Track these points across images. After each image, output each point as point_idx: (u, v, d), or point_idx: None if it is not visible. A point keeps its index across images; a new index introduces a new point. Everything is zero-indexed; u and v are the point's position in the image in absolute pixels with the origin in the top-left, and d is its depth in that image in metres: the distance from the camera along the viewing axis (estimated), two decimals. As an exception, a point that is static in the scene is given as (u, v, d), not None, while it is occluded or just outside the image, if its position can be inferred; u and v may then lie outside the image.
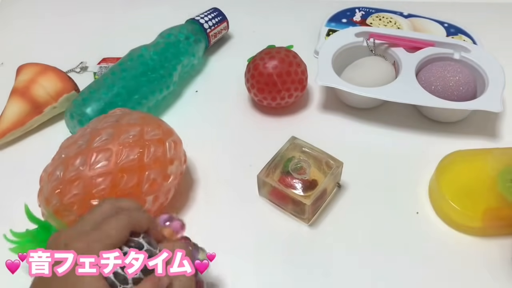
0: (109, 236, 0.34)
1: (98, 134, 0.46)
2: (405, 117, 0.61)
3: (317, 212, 0.51)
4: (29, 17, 0.80)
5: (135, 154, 0.46)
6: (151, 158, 0.46)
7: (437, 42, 0.62)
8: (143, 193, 0.46)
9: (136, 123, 0.48)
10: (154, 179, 0.46)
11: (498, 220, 0.49)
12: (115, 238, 0.34)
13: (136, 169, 0.45)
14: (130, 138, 0.46)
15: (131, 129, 0.47)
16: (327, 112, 0.62)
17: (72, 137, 0.49)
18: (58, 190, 0.44)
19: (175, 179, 0.49)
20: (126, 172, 0.45)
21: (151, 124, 0.49)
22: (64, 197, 0.44)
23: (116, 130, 0.46)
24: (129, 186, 0.45)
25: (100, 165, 0.44)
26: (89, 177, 0.44)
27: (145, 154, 0.46)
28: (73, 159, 0.45)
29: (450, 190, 0.50)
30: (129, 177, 0.45)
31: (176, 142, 0.50)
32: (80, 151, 0.45)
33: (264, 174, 0.50)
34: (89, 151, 0.45)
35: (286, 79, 0.58)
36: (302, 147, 0.52)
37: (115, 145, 0.45)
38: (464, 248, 0.48)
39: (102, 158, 0.45)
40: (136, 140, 0.46)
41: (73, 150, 0.45)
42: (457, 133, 0.59)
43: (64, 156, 0.46)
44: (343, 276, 0.47)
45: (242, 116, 0.62)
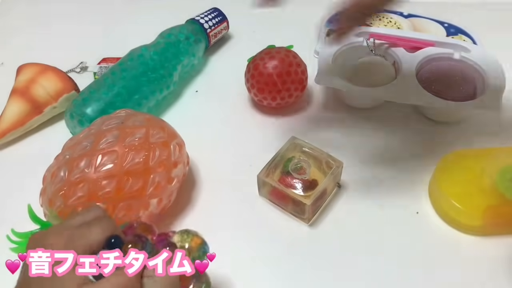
0: (88, 237, 0.34)
1: (103, 136, 0.46)
2: (405, 117, 0.61)
3: (317, 212, 0.51)
4: (29, 17, 0.80)
5: (141, 157, 0.45)
6: (156, 162, 0.46)
7: (437, 42, 0.62)
8: (147, 196, 0.46)
9: (141, 125, 0.48)
10: (158, 182, 0.46)
11: (498, 218, 0.49)
12: (96, 239, 0.35)
13: (141, 172, 0.45)
14: (136, 140, 0.46)
15: (137, 132, 0.47)
16: (327, 112, 0.62)
17: (75, 137, 0.48)
18: (62, 191, 0.44)
19: (178, 181, 0.49)
20: (131, 175, 0.45)
21: (156, 126, 0.49)
22: (68, 199, 0.44)
23: (121, 132, 0.46)
24: (134, 189, 0.45)
25: (106, 168, 0.44)
26: (94, 179, 0.44)
27: (150, 157, 0.46)
28: (78, 160, 0.44)
29: (450, 189, 0.50)
30: (134, 181, 0.45)
31: (180, 144, 0.50)
32: (85, 153, 0.45)
33: (264, 174, 0.50)
34: (94, 153, 0.44)
35: (286, 79, 0.58)
36: (302, 147, 0.52)
37: (120, 147, 0.45)
38: (464, 248, 0.48)
39: (107, 161, 0.44)
40: (141, 143, 0.46)
41: (78, 151, 0.45)
42: (457, 133, 0.59)
43: (68, 156, 0.45)
44: (343, 276, 0.47)
45: (242, 116, 0.62)
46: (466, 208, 0.49)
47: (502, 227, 0.49)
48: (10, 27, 0.79)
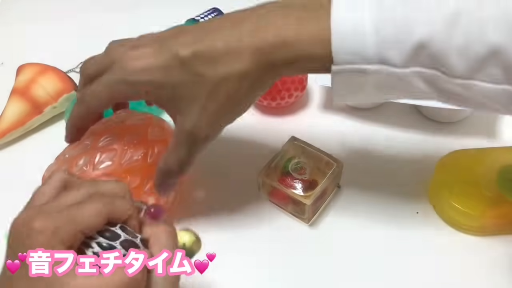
0: (76, 221, 0.30)
1: (103, 135, 0.46)
2: (405, 117, 0.61)
3: (317, 212, 0.51)
4: (29, 17, 0.80)
5: (139, 154, 0.46)
6: (154, 159, 0.46)
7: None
8: (145, 194, 0.46)
9: (141, 124, 0.48)
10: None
11: (498, 218, 0.49)
12: (85, 225, 0.31)
13: (139, 169, 0.45)
14: (135, 138, 0.46)
15: (136, 130, 0.47)
16: (327, 112, 0.62)
17: None
18: None
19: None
20: (129, 173, 0.45)
21: (156, 125, 0.49)
22: None
23: (121, 131, 0.46)
24: (132, 186, 0.45)
25: (104, 166, 0.44)
26: (92, 177, 0.44)
27: (148, 154, 0.46)
28: (77, 158, 0.45)
29: (450, 190, 0.50)
30: (132, 178, 0.45)
31: None
32: (85, 151, 0.45)
33: (264, 174, 0.50)
34: (93, 151, 0.45)
35: (286, 79, 0.58)
36: (302, 147, 0.52)
37: (119, 145, 0.45)
38: (464, 248, 0.49)
39: (106, 158, 0.44)
40: (140, 141, 0.46)
41: (78, 150, 0.45)
42: (456, 133, 0.59)
43: (68, 156, 0.46)
44: (343, 276, 0.47)
45: (241, 116, 0.62)
46: (466, 208, 0.49)
47: (502, 227, 0.49)
48: (10, 27, 0.79)
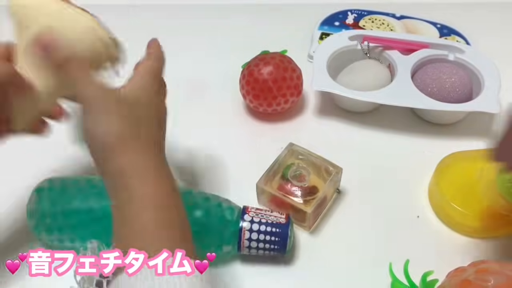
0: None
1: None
2: (402, 120, 0.61)
3: (317, 219, 0.51)
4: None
5: None
6: None
7: (431, 44, 0.62)
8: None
9: None
10: None
11: (497, 219, 0.49)
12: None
13: None
14: None
15: None
16: (324, 117, 0.62)
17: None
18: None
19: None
20: None
21: None
22: None
23: None
24: None
25: None
26: None
27: None
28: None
29: (450, 191, 0.50)
30: None
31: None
32: None
33: (263, 182, 0.50)
34: None
35: (281, 85, 0.57)
36: (300, 154, 0.52)
37: None
38: (465, 250, 0.48)
39: None
40: None
41: None
42: (454, 135, 0.59)
43: None
44: (345, 283, 0.46)
45: (237, 123, 0.62)
46: (466, 210, 0.49)
47: (501, 229, 0.49)
48: (10, 27, 0.77)
